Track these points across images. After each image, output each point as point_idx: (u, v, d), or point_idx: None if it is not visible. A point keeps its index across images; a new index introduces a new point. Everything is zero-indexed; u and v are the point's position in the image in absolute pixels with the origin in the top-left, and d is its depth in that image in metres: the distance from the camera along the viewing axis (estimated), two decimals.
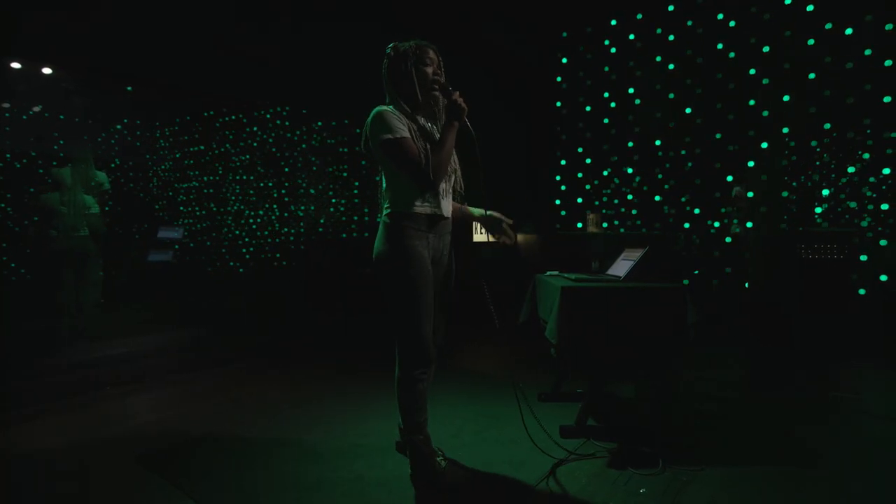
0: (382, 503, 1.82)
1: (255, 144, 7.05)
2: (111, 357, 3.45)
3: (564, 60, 5.59)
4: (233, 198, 7.34)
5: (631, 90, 5.18)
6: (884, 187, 3.99)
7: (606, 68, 5.33)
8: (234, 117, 7.08)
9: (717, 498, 1.84)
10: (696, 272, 4.69)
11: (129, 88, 5.72)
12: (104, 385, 3.08)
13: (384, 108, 1.84)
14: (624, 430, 2.40)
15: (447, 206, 1.96)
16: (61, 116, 6.41)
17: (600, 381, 2.42)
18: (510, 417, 2.51)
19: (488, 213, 2.07)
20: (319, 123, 6.50)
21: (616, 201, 5.32)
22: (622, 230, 5.23)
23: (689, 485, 1.93)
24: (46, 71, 4.56)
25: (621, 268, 2.56)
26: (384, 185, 1.93)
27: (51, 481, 2.00)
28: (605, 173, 5.37)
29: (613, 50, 5.26)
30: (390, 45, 1.91)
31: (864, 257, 3.97)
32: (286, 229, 6.88)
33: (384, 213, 1.91)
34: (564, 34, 5.55)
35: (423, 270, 1.84)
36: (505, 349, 4.04)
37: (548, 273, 2.81)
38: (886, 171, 3.95)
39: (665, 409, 2.69)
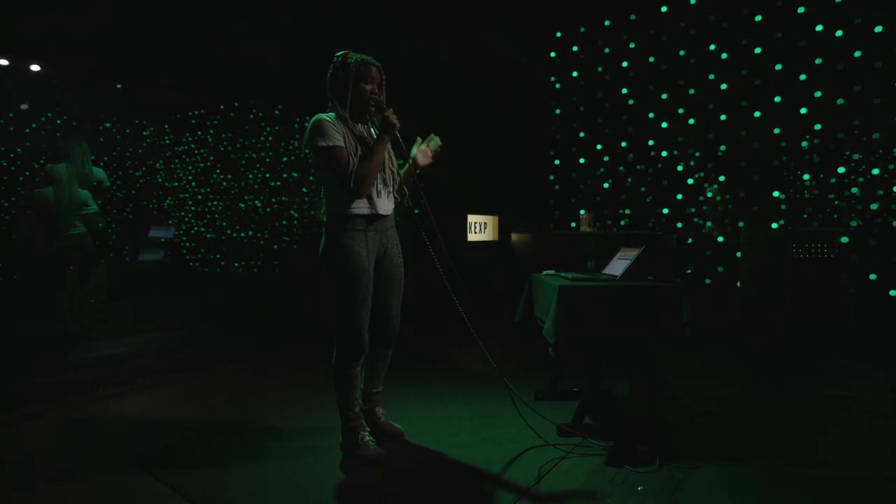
0: (381, 502, 1.84)
1: (248, 143, 7.03)
2: (106, 357, 3.43)
3: (558, 60, 5.62)
4: (225, 196, 7.31)
5: (624, 90, 5.22)
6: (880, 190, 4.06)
7: (600, 68, 5.37)
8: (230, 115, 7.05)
9: (714, 495, 1.87)
10: (689, 271, 4.74)
11: (118, 86, 5.68)
12: (99, 385, 3.06)
13: (323, 116, 1.98)
14: (621, 428, 2.43)
15: (385, 205, 2.10)
16: (49, 114, 6.35)
17: (597, 380, 2.45)
18: (507, 417, 2.53)
19: (410, 162, 2.19)
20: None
21: (609, 201, 5.37)
22: (615, 230, 5.27)
23: (686, 482, 1.96)
24: (36, 68, 4.52)
25: (617, 267, 2.59)
26: (322, 188, 2.07)
27: (47, 482, 1.99)
28: (599, 172, 5.42)
29: (607, 50, 5.30)
30: (339, 54, 2.04)
31: (853, 256, 4.04)
32: (278, 223, 6.86)
33: (324, 214, 2.06)
34: (558, 34, 5.58)
35: (358, 268, 2.00)
36: (500, 349, 4.06)
37: (544, 272, 2.83)
38: (875, 171, 4.02)
39: (661, 408, 2.72)
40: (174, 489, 1.90)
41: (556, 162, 5.68)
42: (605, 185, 5.37)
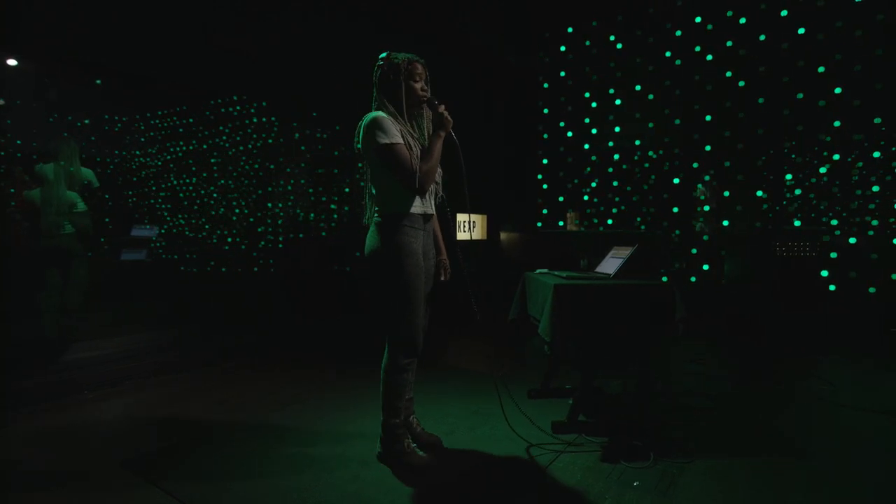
0: (380, 503, 1.82)
1: (237, 139, 6.92)
2: (90, 359, 3.34)
3: (546, 60, 5.65)
4: (214, 195, 7.19)
5: (611, 90, 5.27)
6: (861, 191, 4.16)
7: (587, 68, 5.41)
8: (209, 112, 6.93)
9: (708, 488, 1.91)
10: (676, 269, 4.81)
11: (98, 82, 5.53)
12: (83, 388, 2.99)
13: (380, 113, 1.95)
14: (615, 424, 2.45)
15: (431, 206, 2.11)
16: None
17: (591, 377, 2.47)
18: (502, 415, 2.54)
19: (440, 258, 2.23)
20: (295, 120, 6.41)
21: (596, 200, 5.41)
22: (601, 228, 5.32)
23: (680, 477, 1.99)
24: (13, 62, 4.37)
25: (611, 265, 2.61)
26: (374, 187, 2.03)
27: (36, 489, 1.93)
28: (587, 171, 5.46)
29: (595, 51, 5.34)
30: (383, 55, 2.02)
31: (833, 254, 4.14)
32: (262, 228, 6.78)
33: (376, 213, 2.01)
34: (546, 34, 5.61)
35: (417, 265, 1.97)
36: (494, 347, 4.07)
37: (537, 271, 2.84)
38: (856, 171, 4.12)
39: (653, 404, 2.75)
40: (169, 493, 1.87)
41: (545, 161, 5.70)
42: (593, 185, 5.41)
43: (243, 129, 6.79)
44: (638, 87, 5.09)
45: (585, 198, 5.45)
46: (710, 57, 4.67)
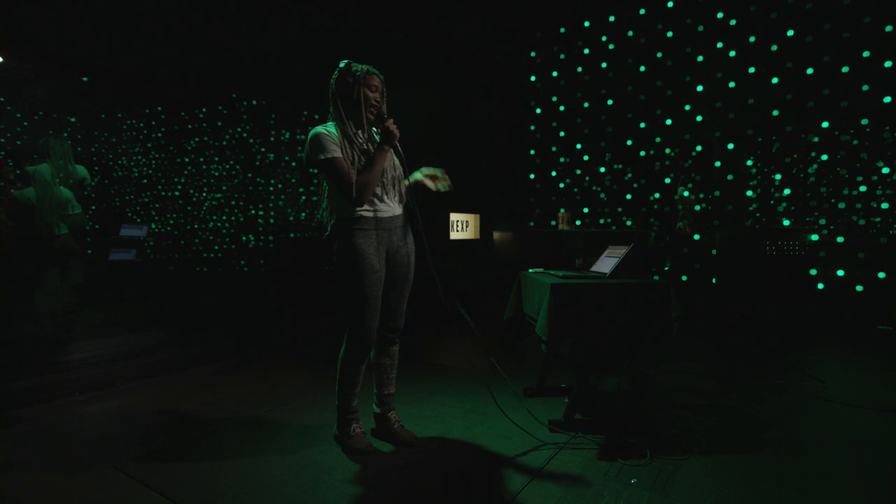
0: (380, 502, 1.82)
1: (224, 141, 6.87)
2: (85, 360, 3.30)
3: (539, 60, 5.67)
4: (203, 194, 7.14)
5: (603, 90, 5.31)
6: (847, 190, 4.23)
7: (580, 69, 5.44)
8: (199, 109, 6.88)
9: (704, 484, 1.93)
10: (667, 268, 4.86)
11: (84, 79, 5.47)
12: (78, 389, 2.95)
13: (319, 129, 2.05)
14: (611, 422, 2.47)
15: (389, 208, 2.15)
16: (8, 107, 6.07)
17: (587, 376, 2.48)
18: (498, 414, 2.54)
19: (413, 180, 2.23)
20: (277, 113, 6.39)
21: (589, 199, 5.45)
22: (592, 228, 5.36)
23: (676, 473, 2.01)
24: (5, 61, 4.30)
25: (606, 265, 2.63)
26: (327, 194, 2.14)
27: (28, 490, 1.90)
28: (578, 172, 5.49)
29: (587, 51, 5.38)
30: (344, 62, 2.11)
31: (822, 253, 4.20)
32: (258, 227, 6.74)
33: (332, 218, 2.14)
34: (539, 34, 5.63)
35: (366, 266, 2.06)
36: (489, 346, 4.08)
37: (532, 270, 2.86)
38: (844, 172, 4.19)
39: (647, 402, 2.78)
40: (163, 494, 1.85)
41: (537, 161, 5.73)
42: (583, 184, 5.45)
43: (239, 127, 6.75)
44: (630, 88, 5.14)
45: (578, 197, 5.49)
46: (700, 58, 4.72)
